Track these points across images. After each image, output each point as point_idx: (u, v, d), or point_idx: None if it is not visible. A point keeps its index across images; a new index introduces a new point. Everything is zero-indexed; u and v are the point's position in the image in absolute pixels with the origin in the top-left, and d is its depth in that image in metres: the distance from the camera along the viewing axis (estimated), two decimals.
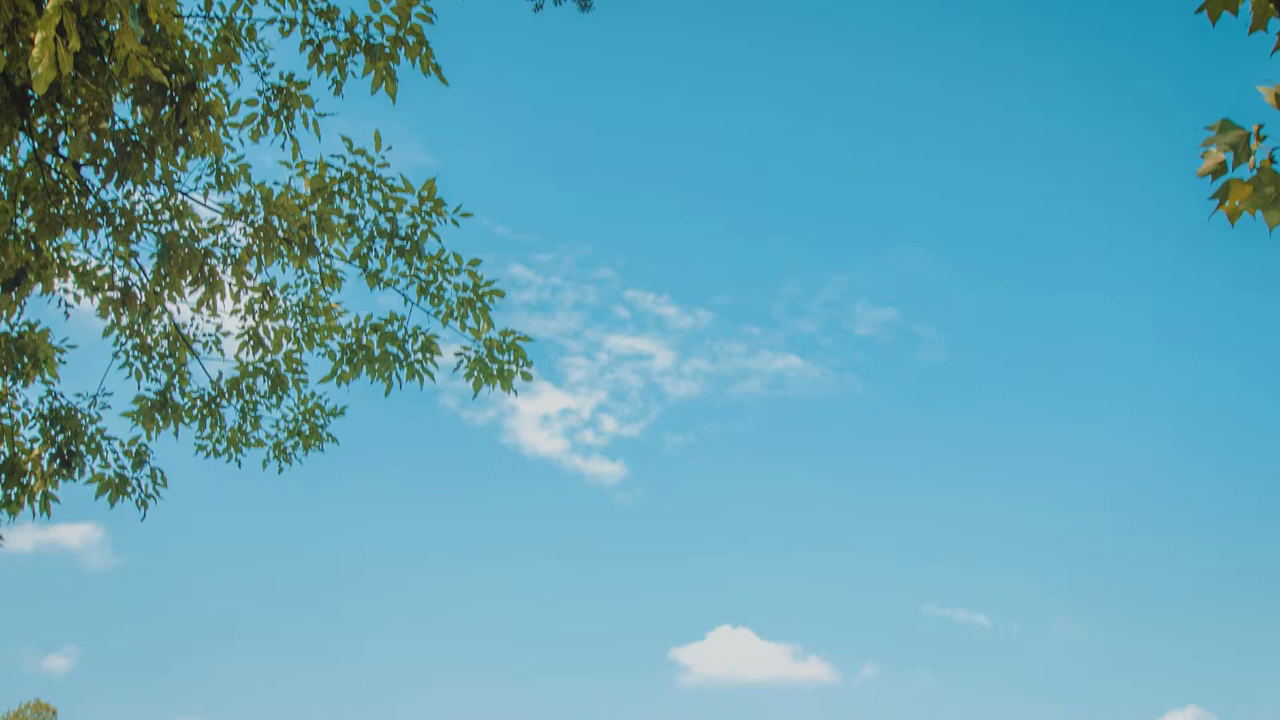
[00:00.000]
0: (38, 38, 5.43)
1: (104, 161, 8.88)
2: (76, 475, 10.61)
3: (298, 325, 10.87)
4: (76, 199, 9.30)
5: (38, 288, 9.65)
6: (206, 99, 8.59)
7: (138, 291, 10.15)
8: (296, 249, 10.15)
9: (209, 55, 9.48)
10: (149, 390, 10.86)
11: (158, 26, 8.04)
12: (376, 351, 10.54)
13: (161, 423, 10.88)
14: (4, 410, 10.35)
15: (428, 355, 10.56)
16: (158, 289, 10.11)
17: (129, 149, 8.80)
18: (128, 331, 10.62)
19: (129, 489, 10.82)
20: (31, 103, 8.32)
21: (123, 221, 9.70)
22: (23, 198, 9.03)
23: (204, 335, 10.94)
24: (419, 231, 10.32)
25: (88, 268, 10.18)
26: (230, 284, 10.42)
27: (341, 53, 9.58)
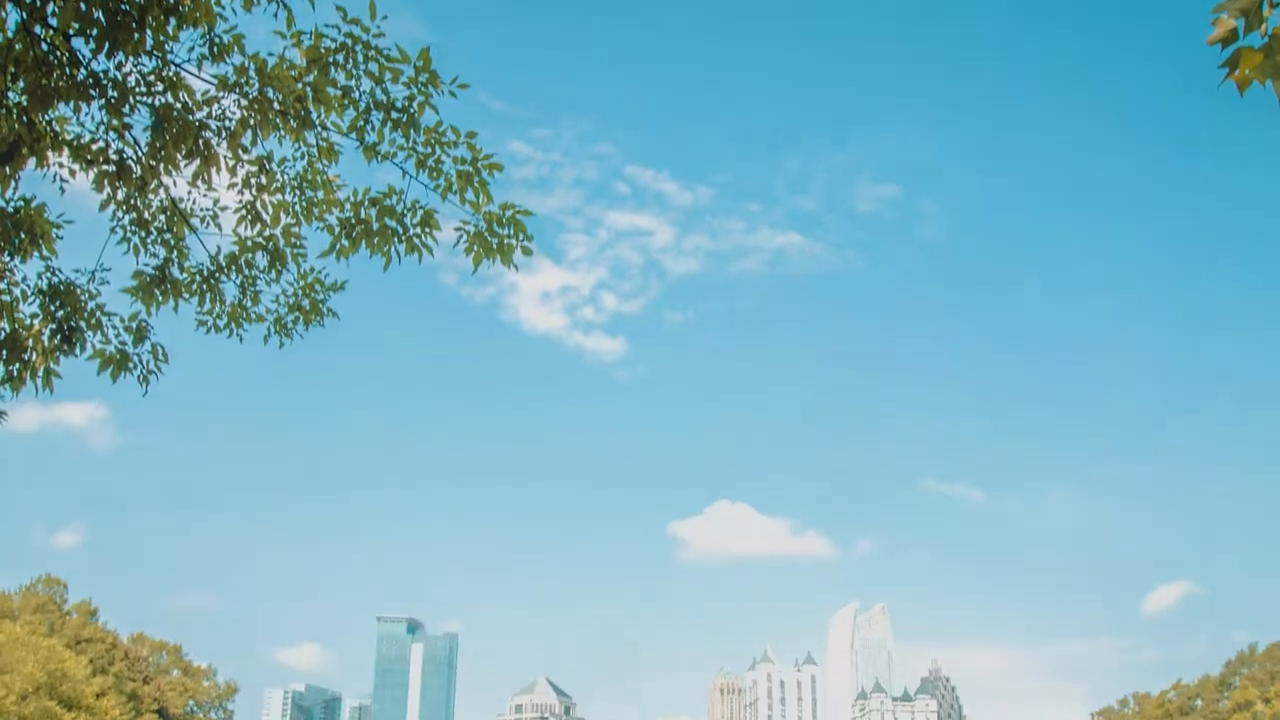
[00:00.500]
0: None
1: (94, 31, 8.73)
2: (78, 351, 10.64)
3: (295, 199, 10.81)
4: (68, 70, 9.16)
5: (31, 162, 9.56)
6: None
7: (133, 165, 10.06)
8: (292, 121, 10.04)
9: None
10: (147, 266, 10.84)
11: None
12: (375, 226, 10.52)
13: (161, 298, 10.88)
14: (3, 286, 10.34)
15: (427, 229, 10.54)
16: (153, 163, 10.01)
17: (119, 18, 8.65)
18: (124, 206, 10.54)
19: (130, 365, 10.86)
20: None
21: (115, 94, 9.57)
22: (13, 70, 8.89)
23: (201, 210, 10.87)
24: (415, 104, 10.21)
25: (81, 141, 10.07)
26: (226, 157, 10.33)
27: None
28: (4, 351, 10.22)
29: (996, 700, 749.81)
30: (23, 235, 10.01)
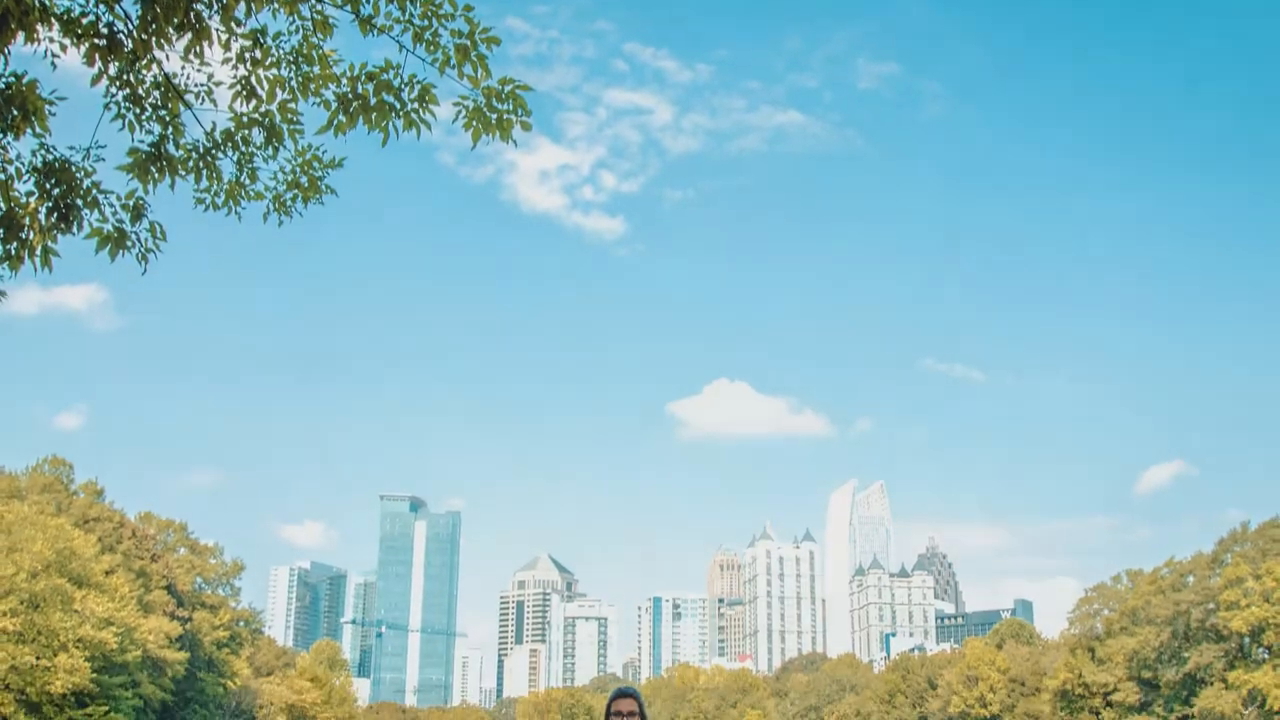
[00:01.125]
0: None
1: None
2: (75, 229, 10.56)
3: (291, 74, 10.61)
4: None
5: (20, 37, 9.37)
6: None
7: (123, 38, 9.86)
8: None
9: None
10: (142, 143, 10.68)
11: None
12: (373, 101, 10.36)
13: (157, 175, 10.75)
14: None
15: (424, 104, 10.39)
16: (144, 36, 9.81)
17: None
18: (117, 82, 10.35)
19: (128, 243, 10.78)
20: None
21: None
22: None
23: (196, 85, 10.67)
24: None
25: (71, 15, 9.85)
26: (219, 31, 10.11)
27: None
28: (1, 230, 10.15)
29: (992, 576, 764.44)
30: (15, 111, 9.85)
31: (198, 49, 10.07)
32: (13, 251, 10.23)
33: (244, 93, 10.65)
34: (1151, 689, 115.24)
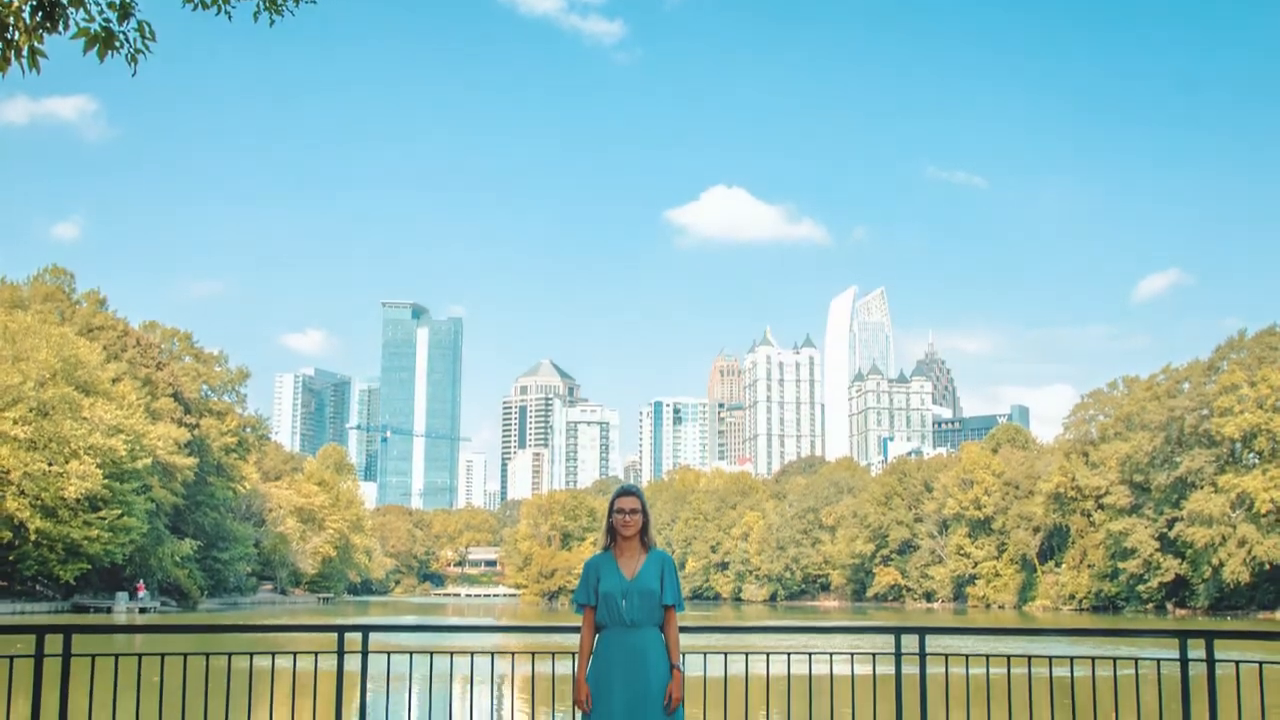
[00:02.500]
0: None
1: None
2: (61, 28, 10.04)
3: None
4: None
5: None
6: None
7: None
8: None
9: None
10: None
11: None
12: None
13: None
14: None
15: None
16: None
17: None
18: None
19: (116, 44, 10.23)
20: None
21: None
22: None
23: None
24: None
25: None
26: None
27: None
28: None
29: (989, 383, 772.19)
30: None
31: None
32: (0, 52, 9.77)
33: None
34: (1142, 492, 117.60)
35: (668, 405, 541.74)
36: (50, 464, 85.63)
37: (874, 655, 9.62)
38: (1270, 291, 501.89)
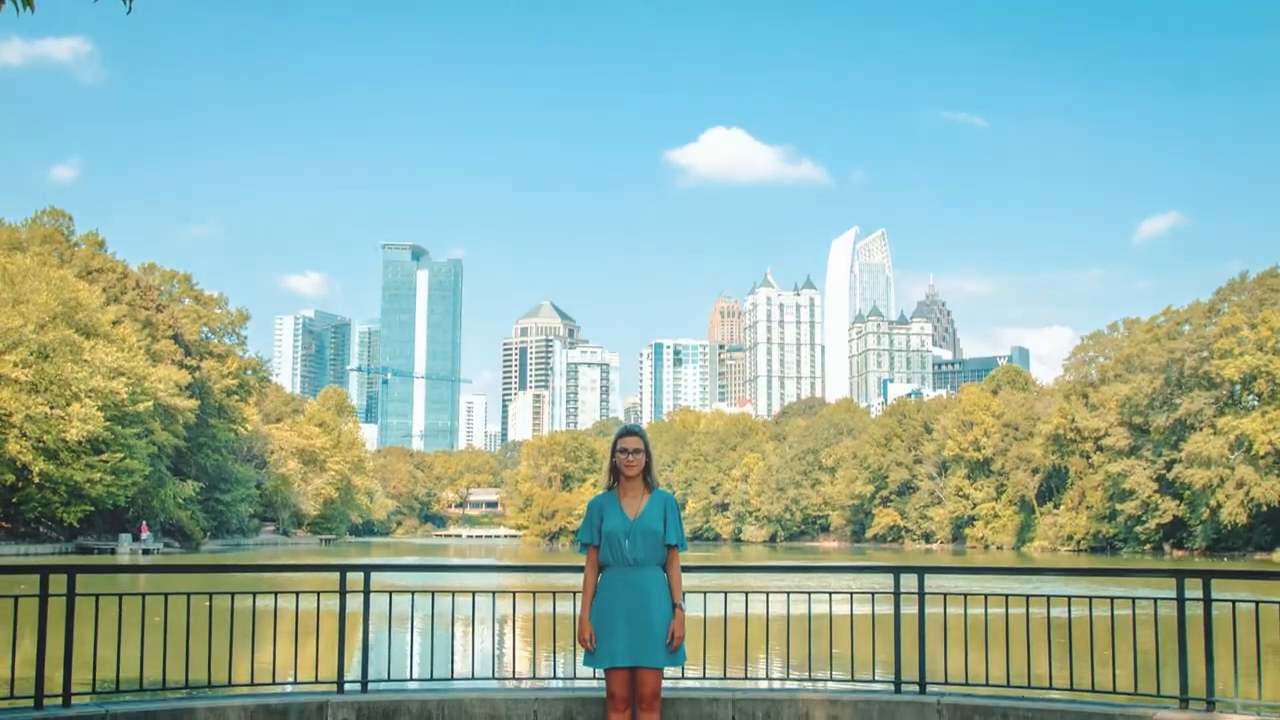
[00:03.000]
0: None
1: None
2: None
3: None
4: None
5: None
6: None
7: None
8: None
9: None
10: None
11: None
12: None
13: None
14: None
15: None
16: None
17: None
18: None
19: None
20: None
21: None
22: None
23: None
24: None
25: None
26: None
27: None
28: None
29: (990, 325, 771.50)
30: None
31: None
32: None
33: None
34: (1141, 434, 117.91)
35: (668, 347, 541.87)
36: (52, 407, 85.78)
37: (873, 595, 9.69)
38: (1271, 234, 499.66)
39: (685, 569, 8.52)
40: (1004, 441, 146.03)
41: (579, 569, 8.54)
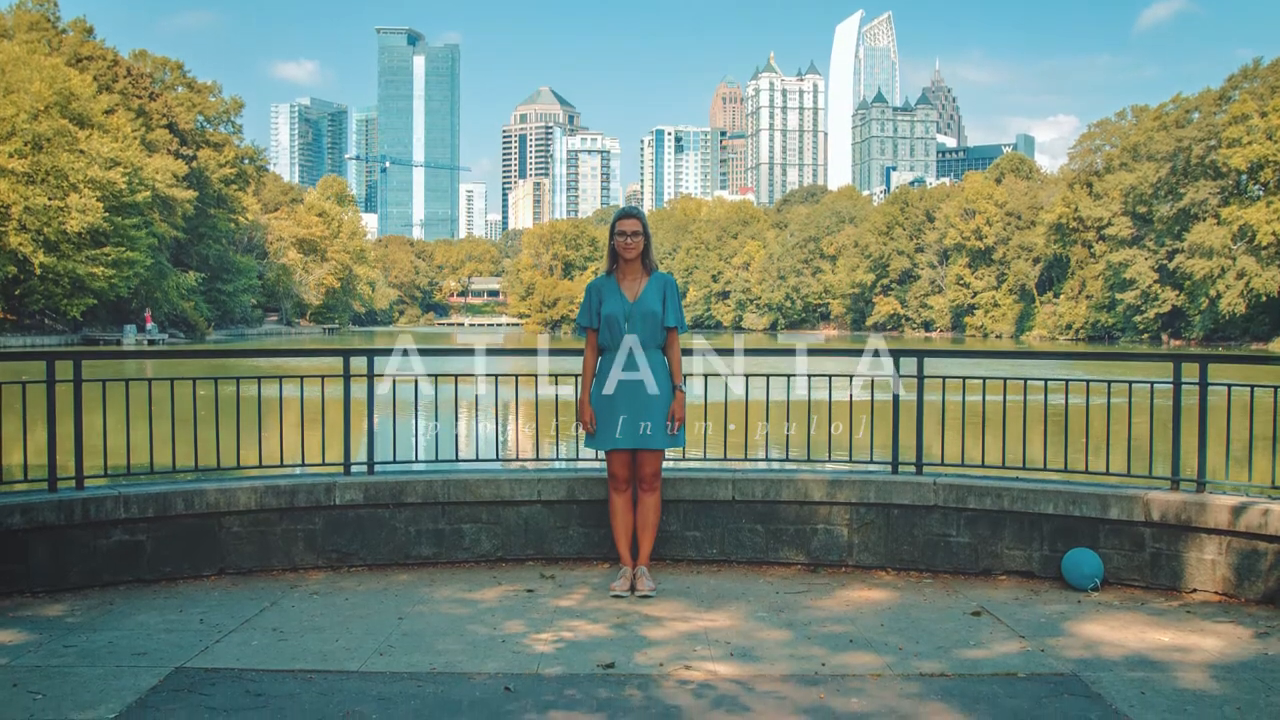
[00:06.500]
0: None
1: None
2: None
3: None
4: None
5: None
6: None
7: None
8: None
9: None
10: None
11: None
12: None
13: None
14: None
15: None
16: None
17: None
18: None
19: None
20: None
21: None
22: None
23: None
24: None
25: None
26: None
27: None
28: None
29: (996, 113, 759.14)
30: None
31: None
32: None
33: None
34: (1145, 224, 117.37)
35: (669, 133, 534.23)
36: (50, 198, 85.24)
37: (872, 379, 9.77)
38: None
39: (685, 353, 8.58)
40: (1006, 230, 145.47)
41: (580, 351, 8.59)
